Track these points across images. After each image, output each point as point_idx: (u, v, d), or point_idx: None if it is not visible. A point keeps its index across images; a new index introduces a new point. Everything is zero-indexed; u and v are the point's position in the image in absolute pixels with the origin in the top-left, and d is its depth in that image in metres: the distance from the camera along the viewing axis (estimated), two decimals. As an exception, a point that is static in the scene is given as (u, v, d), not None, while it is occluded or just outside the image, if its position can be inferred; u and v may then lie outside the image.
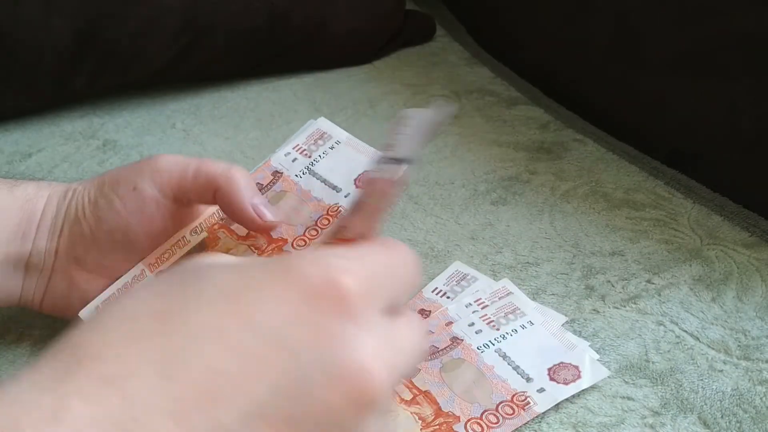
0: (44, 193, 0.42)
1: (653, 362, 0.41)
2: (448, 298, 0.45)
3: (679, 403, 0.39)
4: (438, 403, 0.39)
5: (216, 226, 0.44)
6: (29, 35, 0.63)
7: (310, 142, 0.47)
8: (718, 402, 0.39)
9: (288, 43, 0.74)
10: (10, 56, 0.63)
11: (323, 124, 0.48)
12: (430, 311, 0.44)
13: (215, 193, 0.40)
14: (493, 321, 0.43)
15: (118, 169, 0.42)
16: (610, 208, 0.55)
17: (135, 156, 0.63)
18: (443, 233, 0.52)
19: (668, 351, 0.42)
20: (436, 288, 0.46)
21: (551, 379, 0.39)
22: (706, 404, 0.39)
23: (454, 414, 0.38)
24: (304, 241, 0.42)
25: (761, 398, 0.39)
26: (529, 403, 0.38)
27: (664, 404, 0.39)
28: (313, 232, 0.43)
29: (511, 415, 0.38)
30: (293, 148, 0.47)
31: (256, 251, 0.42)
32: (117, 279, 0.42)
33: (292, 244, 0.42)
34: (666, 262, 0.49)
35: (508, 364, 0.40)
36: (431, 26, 0.85)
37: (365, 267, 0.25)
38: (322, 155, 0.46)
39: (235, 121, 0.68)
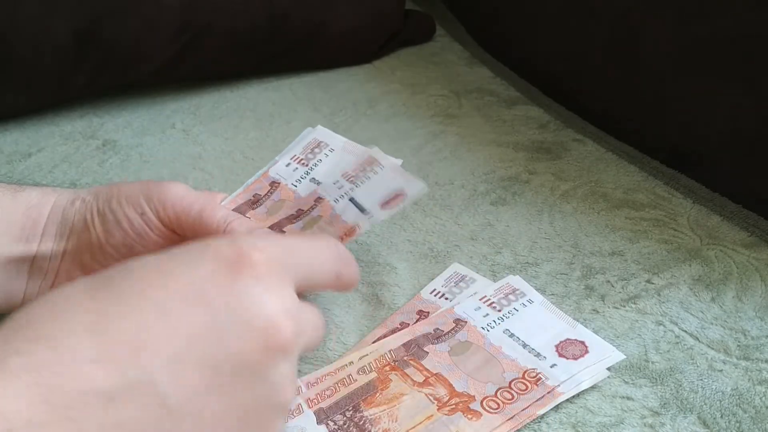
0: (49, 199, 0.42)
1: (653, 362, 0.41)
2: (446, 299, 0.46)
3: (678, 403, 0.39)
4: (451, 385, 0.40)
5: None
6: (29, 35, 0.63)
7: (307, 151, 0.47)
8: (718, 402, 0.39)
9: (288, 43, 0.74)
10: (10, 56, 0.63)
11: (320, 133, 0.48)
12: (428, 312, 0.45)
13: None
14: (494, 302, 0.44)
15: (129, 186, 0.42)
16: (609, 208, 0.55)
17: (135, 156, 0.63)
18: (443, 234, 0.52)
19: (668, 351, 0.42)
20: (435, 289, 0.46)
21: (560, 355, 0.41)
22: (705, 404, 0.39)
23: (468, 394, 0.39)
24: None
25: (761, 398, 0.39)
26: (540, 378, 0.39)
27: (664, 404, 0.39)
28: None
29: (524, 390, 0.39)
30: (292, 159, 0.47)
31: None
32: None
33: None
34: (665, 262, 0.49)
35: (515, 341, 0.42)
36: (431, 26, 0.85)
37: (276, 245, 0.29)
38: (318, 162, 0.47)
39: (235, 121, 0.68)
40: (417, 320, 0.44)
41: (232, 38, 0.71)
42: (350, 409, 0.39)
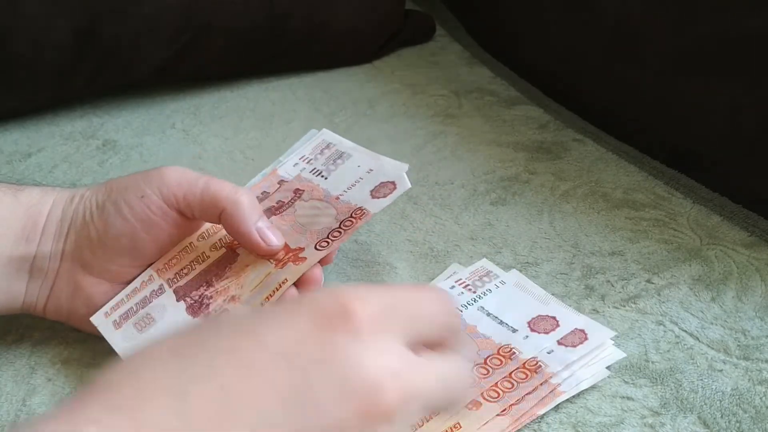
0: (49, 198, 0.42)
1: (653, 362, 0.41)
2: (470, 290, 0.46)
3: (678, 403, 0.39)
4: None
5: (236, 243, 0.43)
6: (29, 34, 0.63)
7: (317, 152, 0.48)
8: (718, 402, 0.39)
9: (288, 43, 0.74)
10: (10, 56, 0.63)
11: (328, 135, 0.49)
12: None
13: (220, 214, 0.41)
14: (468, 285, 0.45)
15: (127, 177, 0.42)
16: (609, 208, 0.55)
17: (135, 156, 0.63)
18: (443, 233, 0.52)
19: (668, 351, 0.42)
20: (460, 279, 0.47)
21: (532, 330, 0.41)
22: (705, 404, 0.39)
23: None
24: (327, 242, 0.42)
25: (761, 398, 0.39)
26: (514, 352, 0.40)
27: (664, 404, 0.39)
28: (336, 234, 0.43)
29: (499, 365, 0.40)
30: (300, 159, 0.48)
31: (274, 262, 0.42)
32: (123, 283, 0.42)
33: (315, 246, 0.42)
34: (665, 261, 0.49)
35: (492, 320, 0.43)
36: (431, 26, 0.85)
37: (378, 296, 0.26)
38: (332, 169, 0.47)
39: (235, 121, 0.68)
40: None
41: (232, 38, 0.71)
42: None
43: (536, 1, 0.75)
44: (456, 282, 0.46)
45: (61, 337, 0.44)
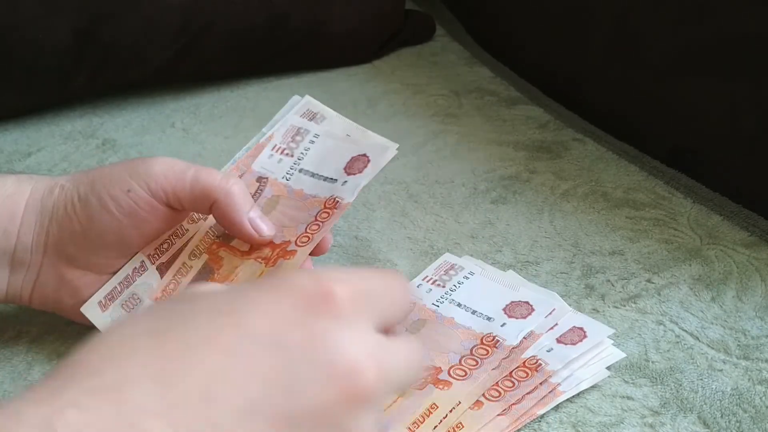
0: (26, 188, 0.41)
1: (653, 362, 0.41)
2: (438, 285, 0.46)
3: (678, 403, 0.39)
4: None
5: (215, 246, 0.43)
6: (29, 35, 0.63)
7: (287, 140, 0.46)
8: (718, 401, 0.39)
9: (288, 43, 0.74)
10: (10, 56, 0.63)
11: (296, 119, 0.47)
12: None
13: (212, 205, 0.40)
14: (436, 280, 0.46)
15: (111, 167, 0.41)
16: (609, 208, 0.55)
17: (134, 155, 0.63)
18: (443, 231, 0.52)
19: (668, 350, 0.42)
20: (427, 276, 0.47)
21: (509, 316, 0.42)
22: (705, 404, 0.39)
23: (435, 366, 0.40)
24: (308, 237, 0.42)
25: (761, 398, 0.39)
26: (498, 341, 0.40)
27: (664, 404, 0.39)
28: (314, 227, 0.42)
29: (485, 355, 0.40)
30: (274, 150, 0.46)
31: (263, 262, 0.42)
32: (110, 273, 0.42)
33: (296, 242, 0.42)
34: (666, 261, 0.49)
35: (465, 311, 0.43)
36: (431, 26, 0.85)
37: (356, 281, 0.27)
38: (305, 151, 0.45)
39: (235, 121, 0.68)
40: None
41: (232, 38, 0.71)
42: None
43: (536, 1, 0.75)
44: (423, 279, 0.46)
45: (58, 332, 0.44)
